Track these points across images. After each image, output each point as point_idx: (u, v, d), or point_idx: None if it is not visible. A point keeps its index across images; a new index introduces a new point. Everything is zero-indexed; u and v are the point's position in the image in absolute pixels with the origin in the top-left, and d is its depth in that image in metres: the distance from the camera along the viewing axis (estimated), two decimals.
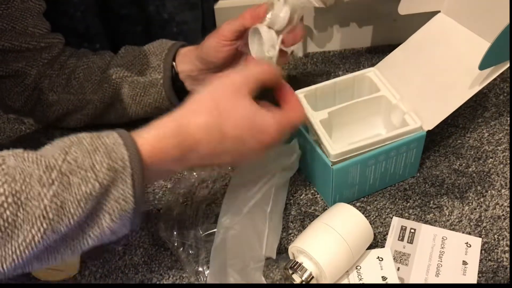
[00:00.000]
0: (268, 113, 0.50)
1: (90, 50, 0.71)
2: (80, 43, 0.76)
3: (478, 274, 0.56)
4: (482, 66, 0.57)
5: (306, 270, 0.54)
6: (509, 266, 0.56)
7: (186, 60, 0.65)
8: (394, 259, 0.57)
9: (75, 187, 0.41)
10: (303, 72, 0.84)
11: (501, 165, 0.67)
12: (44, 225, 0.40)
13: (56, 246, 0.42)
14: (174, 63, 0.65)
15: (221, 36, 0.60)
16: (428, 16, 0.68)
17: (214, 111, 0.48)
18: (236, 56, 0.63)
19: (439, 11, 0.68)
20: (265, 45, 0.57)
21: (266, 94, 0.53)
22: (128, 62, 0.66)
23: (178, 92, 0.67)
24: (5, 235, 0.39)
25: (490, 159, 0.67)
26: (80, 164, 0.41)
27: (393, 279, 0.55)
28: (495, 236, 0.59)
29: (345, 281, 0.55)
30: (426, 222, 0.61)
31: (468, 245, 0.58)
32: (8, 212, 0.39)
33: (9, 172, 0.39)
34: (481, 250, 0.58)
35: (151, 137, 0.46)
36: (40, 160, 0.41)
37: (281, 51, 0.58)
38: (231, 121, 0.48)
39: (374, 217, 0.62)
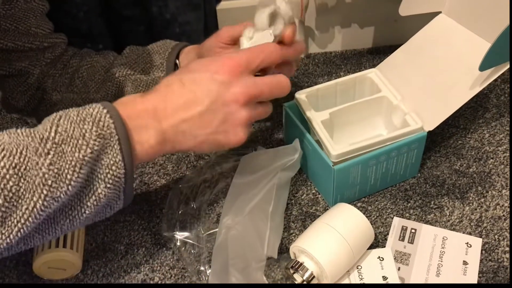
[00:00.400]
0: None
1: (93, 50, 0.72)
2: (83, 43, 0.76)
3: (479, 274, 0.56)
4: (482, 67, 0.58)
5: (307, 269, 0.54)
6: (509, 266, 0.57)
7: (189, 58, 0.66)
8: (394, 259, 0.57)
9: (69, 155, 0.43)
10: (304, 72, 0.85)
11: (502, 166, 0.67)
12: (44, 191, 0.42)
13: (55, 217, 0.45)
14: (177, 61, 0.65)
15: (219, 38, 0.61)
16: (429, 17, 0.68)
17: (175, 75, 0.52)
18: None
19: (440, 12, 0.68)
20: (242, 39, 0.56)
21: None
22: (132, 60, 0.67)
23: None
24: (11, 205, 0.41)
25: (491, 160, 0.68)
26: (71, 134, 0.44)
27: (393, 279, 0.55)
28: (496, 236, 0.59)
29: (346, 281, 0.56)
30: (426, 222, 0.61)
31: (469, 245, 0.58)
32: (11, 183, 0.41)
33: (6, 147, 0.42)
34: (482, 250, 0.58)
35: (124, 100, 0.49)
36: (34, 133, 0.44)
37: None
38: (186, 69, 0.51)
39: (375, 217, 0.63)
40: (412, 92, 0.65)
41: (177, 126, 0.49)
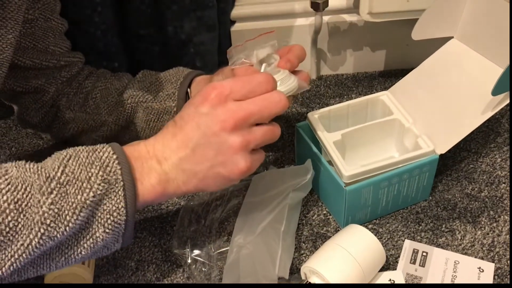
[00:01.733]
0: None
1: (109, 70, 0.73)
2: (99, 61, 0.78)
3: None
4: (495, 92, 0.58)
5: None
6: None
7: (199, 88, 0.66)
8: (405, 282, 0.57)
9: (72, 196, 0.44)
10: (316, 94, 0.85)
11: None
12: (42, 230, 0.43)
13: (51, 254, 0.45)
14: (189, 90, 0.66)
15: (223, 74, 0.62)
16: (441, 41, 0.69)
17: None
18: None
19: (452, 37, 0.69)
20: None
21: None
22: (145, 87, 0.67)
23: None
24: (6, 239, 0.42)
25: (503, 184, 0.67)
26: (77, 176, 0.45)
27: None
28: (508, 261, 0.59)
29: None
30: (438, 245, 0.61)
31: (481, 270, 0.58)
32: (9, 218, 0.42)
33: (12, 182, 0.43)
34: (494, 275, 0.58)
35: (132, 143, 0.51)
36: (41, 171, 0.44)
37: None
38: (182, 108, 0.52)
39: (386, 239, 0.62)
40: (424, 115, 0.65)
41: (177, 165, 0.49)
